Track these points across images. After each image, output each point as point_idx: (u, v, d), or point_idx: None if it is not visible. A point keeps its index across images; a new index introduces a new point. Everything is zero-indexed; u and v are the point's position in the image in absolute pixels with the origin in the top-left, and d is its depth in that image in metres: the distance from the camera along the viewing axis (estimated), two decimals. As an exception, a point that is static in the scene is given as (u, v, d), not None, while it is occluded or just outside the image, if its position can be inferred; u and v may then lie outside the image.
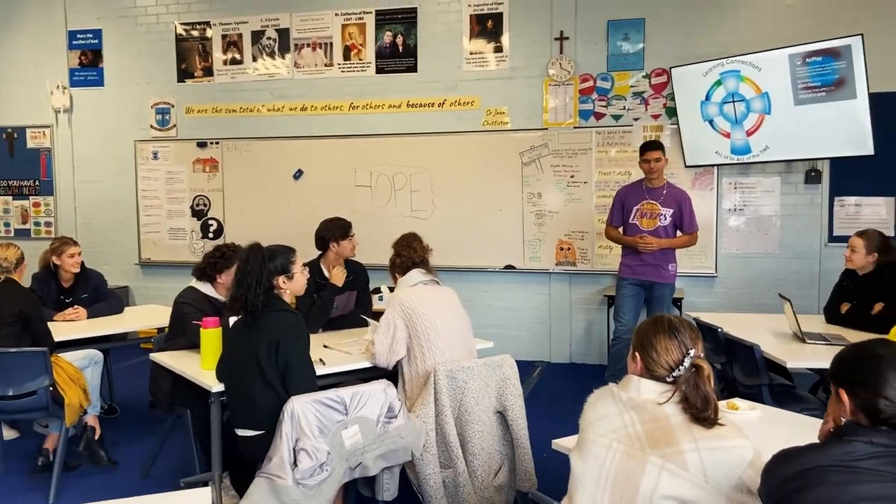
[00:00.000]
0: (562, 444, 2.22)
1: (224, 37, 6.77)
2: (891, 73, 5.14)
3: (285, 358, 2.68)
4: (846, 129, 4.98)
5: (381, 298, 4.70)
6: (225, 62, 6.78)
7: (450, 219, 6.23)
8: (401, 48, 6.36)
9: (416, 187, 6.34)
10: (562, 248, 6.10)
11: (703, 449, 1.63)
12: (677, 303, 5.47)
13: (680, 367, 1.73)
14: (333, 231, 4.03)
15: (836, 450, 1.39)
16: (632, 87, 5.92)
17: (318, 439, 2.51)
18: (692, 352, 1.74)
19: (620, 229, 4.92)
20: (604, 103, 5.98)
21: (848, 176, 5.44)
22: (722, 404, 2.52)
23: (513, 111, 6.15)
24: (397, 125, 6.36)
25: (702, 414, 1.67)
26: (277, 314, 2.75)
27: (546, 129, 6.08)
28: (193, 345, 3.28)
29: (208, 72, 6.82)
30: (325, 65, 6.55)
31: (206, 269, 3.61)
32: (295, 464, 2.47)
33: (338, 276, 3.98)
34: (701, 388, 1.70)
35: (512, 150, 6.14)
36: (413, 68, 6.34)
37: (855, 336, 3.47)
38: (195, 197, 6.90)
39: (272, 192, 6.66)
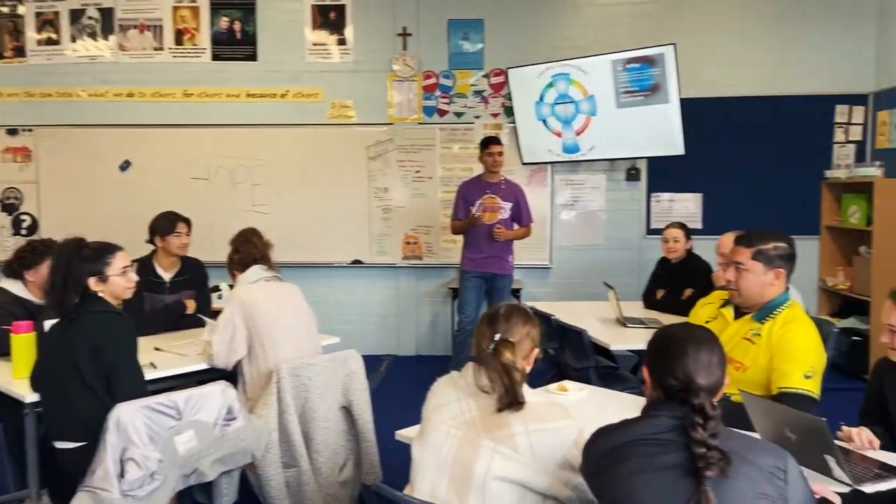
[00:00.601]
0: (405, 434, 2.26)
1: (38, 14, 6.15)
2: (698, 81, 5.68)
3: (108, 362, 2.49)
4: (661, 130, 5.46)
5: (220, 297, 4.51)
6: (39, 42, 6.18)
7: (295, 213, 6.09)
8: (239, 35, 6.12)
9: (259, 181, 6.15)
10: (408, 243, 6.18)
11: (531, 431, 1.72)
12: (516, 293, 5.74)
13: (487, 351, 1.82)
14: (158, 225, 3.84)
15: (644, 425, 1.52)
16: (472, 85, 6.11)
17: (147, 447, 2.37)
18: (497, 336, 1.82)
19: (464, 224, 5.09)
20: (446, 100, 6.13)
21: (662, 174, 5.97)
22: (553, 387, 2.71)
23: (357, 105, 6.13)
24: (237, 115, 6.12)
25: (499, 402, 1.75)
26: (97, 315, 2.55)
27: (391, 124, 6.12)
28: (3, 352, 2.97)
29: (20, 52, 6.18)
30: (155, 49, 6.15)
31: (14, 265, 3.28)
32: (122, 475, 2.32)
33: (191, 306, 3.84)
34: (493, 370, 1.77)
35: (357, 145, 6.12)
36: (253, 56, 6.13)
37: (669, 320, 3.80)
38: (5, 189, 6.23)
39: (96, 185, 6.15)
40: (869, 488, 1.81)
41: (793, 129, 5.82)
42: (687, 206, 6.02)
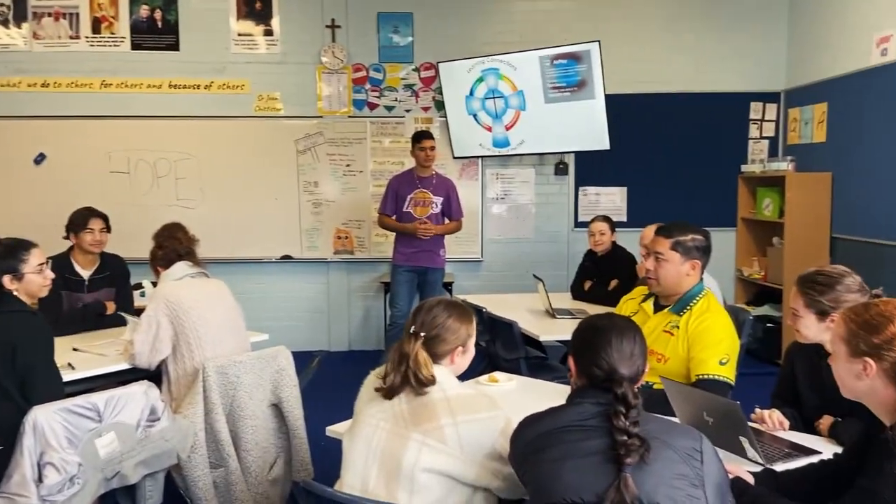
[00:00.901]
0: (335, 429, 2.25)
1: (-59, -2, 5.80)
2: (622, 78, 5.84)
3: (24, 364, 2.39)
4: (587, 126, 5.59)
5: (142, 294, 4.36)
6: (-57, 27, 5.82)
7: (221, 208, 5.95)
8: (160, 24, 5.91)
9: (183, 174, 5.97)
10: (339, 237, 6.13)
11: (460, 423, 1.74)
12: (448, 286, 5.78)
13: None
14: (72, 221, 3.71)
15: (570, 412, 1.56)
16: (403, 79, 6.10)
17: (67, 451, 2.28)
18: (412, 328, 1.85)
19: (394, 218, 5.08)
20: (377, 94, 6.09)
21: (589, 168, 6.12)
22: (483, 378, 2.75)
23: (285, 97, 6.03)
24: (158, 107, 5.92)
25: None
26: (11, 315, 2.45)
27: (321, 117, 6.05)
28: None
29: (-79, 37, 5.81)
30: (71, 37, 5.88)
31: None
32: (40, 479, 2.23)
33: (111, 307, 3.71)
34: (392, 359, 1.81)
35: (286, 138, 6.02)
36: (175, 46, 5.93)
37: (596, 310, 3.89)
38: None
39: (9, 179, 5.84)
40: (779, 467, 1.90)
41: (711, 126, 6.07)
42: (613, 199, 6.20)
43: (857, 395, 1.56)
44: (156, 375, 2.99)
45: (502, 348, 3.78)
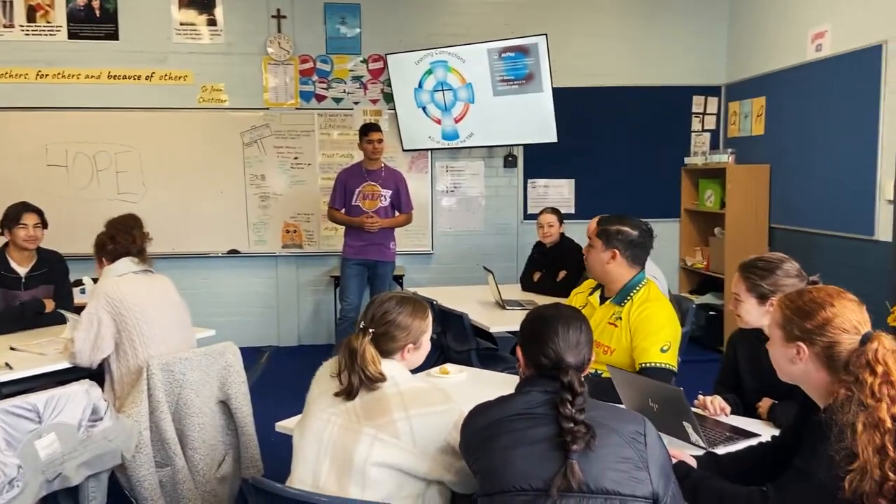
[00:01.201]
0: (285, 425, 2.23)
1: None
2: (569, 71, 5.91)
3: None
4: (535, 119, 5.64)
5: (83, 291, 4.23)
6: None
7: (165, 202, 5.80)
8: (98, 12, 5.71)
9: (124, 167, 5.80)
10: (288, 231, 6.05)
11: (413, 417, 1.74)
12: (398, 280, 5.77)
13: None
14: (5, 217, 3.61)
15: (518, 401, 1.59)
16: (351, 71, 6.04)
17: (5, 453, 2.20)
18: (362, 323, 1.85)
19: (343, 211, 5.04)
20: (324, 86, 6.03)
21: (538, 160, 6.19)
22: (435, 370, 2.77)
23: (230, 89, 5.91)
24: (97, 98, 5.73)
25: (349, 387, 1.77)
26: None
27: (267, 108, 5.95)
28: None
29: None
30: (4, 26, 5.64)
31: None
32: (-25, 485, 2.15)
33: (49, 305, 3.61)
34: (343, 355, 1.80)
35: (232, 130, 5.90)
36: (114, 35, 5.74)
37: (545, 301, 3.97)
38: None
39: (-64, 172, 5.59)
40: (721, 450, 1.97)
41: (656, 119, 6.20)
42: (561, 191, 6.28)
43: (792, 378, 1.62)
44: (98, 374, 2.92)
45: (453, 340, 3.80)
